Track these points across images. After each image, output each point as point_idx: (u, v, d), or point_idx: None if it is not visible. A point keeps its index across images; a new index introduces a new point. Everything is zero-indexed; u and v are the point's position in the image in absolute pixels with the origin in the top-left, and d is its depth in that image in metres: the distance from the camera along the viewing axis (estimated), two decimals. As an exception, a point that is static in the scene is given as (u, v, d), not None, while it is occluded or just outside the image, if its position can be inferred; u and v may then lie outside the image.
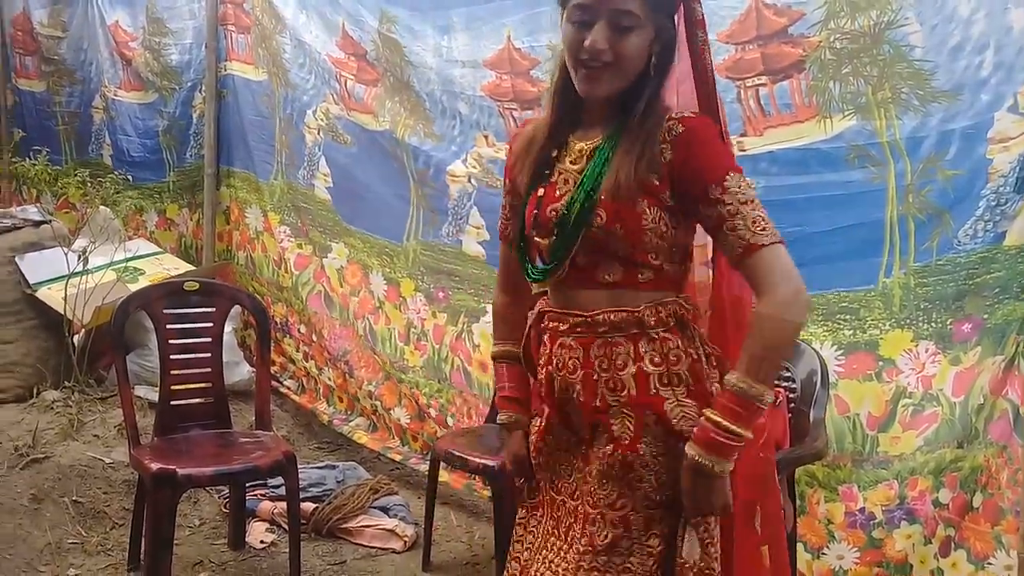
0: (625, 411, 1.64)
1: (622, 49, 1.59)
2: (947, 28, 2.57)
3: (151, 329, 4.05)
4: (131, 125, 5.32)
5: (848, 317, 2.79)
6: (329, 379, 4.50)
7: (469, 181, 3.71)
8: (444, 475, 3.54)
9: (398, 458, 4.05)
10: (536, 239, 1.71)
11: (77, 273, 4.04)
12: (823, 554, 2.88)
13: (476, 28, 3.64)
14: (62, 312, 4.09)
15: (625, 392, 1.64)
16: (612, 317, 1.64)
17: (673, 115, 1.63)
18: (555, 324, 1.71)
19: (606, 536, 1.65)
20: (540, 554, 1.78)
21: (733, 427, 1.53)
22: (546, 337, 1.74)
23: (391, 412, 4.14)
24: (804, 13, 2.77)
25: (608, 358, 1.64)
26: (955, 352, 2.68)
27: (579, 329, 1.67)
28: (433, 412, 3.93)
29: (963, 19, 2.55)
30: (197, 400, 3.15)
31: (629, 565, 1.65)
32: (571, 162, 1.70)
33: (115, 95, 5.40)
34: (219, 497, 3.58)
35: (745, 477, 1.71)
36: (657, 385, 1.63)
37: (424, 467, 3.89)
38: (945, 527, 2.70)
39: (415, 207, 3.98)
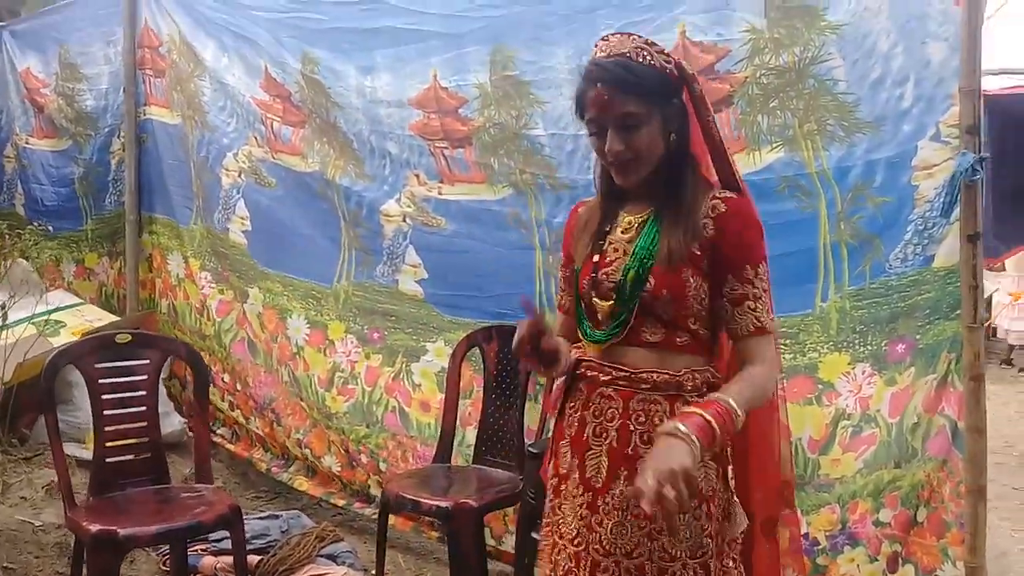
0: None
1: (636, 145, 1.78)
2: (868, 63, 2.67)
3: (75, 384, 3.95)
4: (44, 173, 5.17)
5: (788, 342, 2.85)
6: (257, 428, 4.41)
7: (404, 220, 3.69)
8: (391, 518, 3.48)
9: (341, 503, 3.98)
10: (595, 300, 1.86)
11: (-4, 328, 3.89)
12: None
13: (399, 68, 3.64)
14: (-20, 370, 3.92)
15: None
16: (655, 377, 1.80)
17: (717, 194, 1.83)
18: (595, 374, 1.86)
19: None
20: None
21: (715, 424, 1.62)
22: (582, 384, 1.89)
23: (321, 460, 4.08)
24: (730, 50, 2.85)
25: (645, 413, 1.80)
26: (890, 373, 2.76)
27: (621, 382, 1.82)
28: (364, 459, 3.88)
29: (883, 54, 2.65)
30: (133, 456, 3.05)
31: None
32: (622, 232, 1.88)
33: (27, 143, 5.24)
34: (157, 554, 3.46)
35: (764, 496, 1.92)
36: None
37: (368, 511, 3.85)
38: (891, 544, 2.77)
39: (346, 248, 3.94)
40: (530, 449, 2.96)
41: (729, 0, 2.85)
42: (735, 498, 1.84)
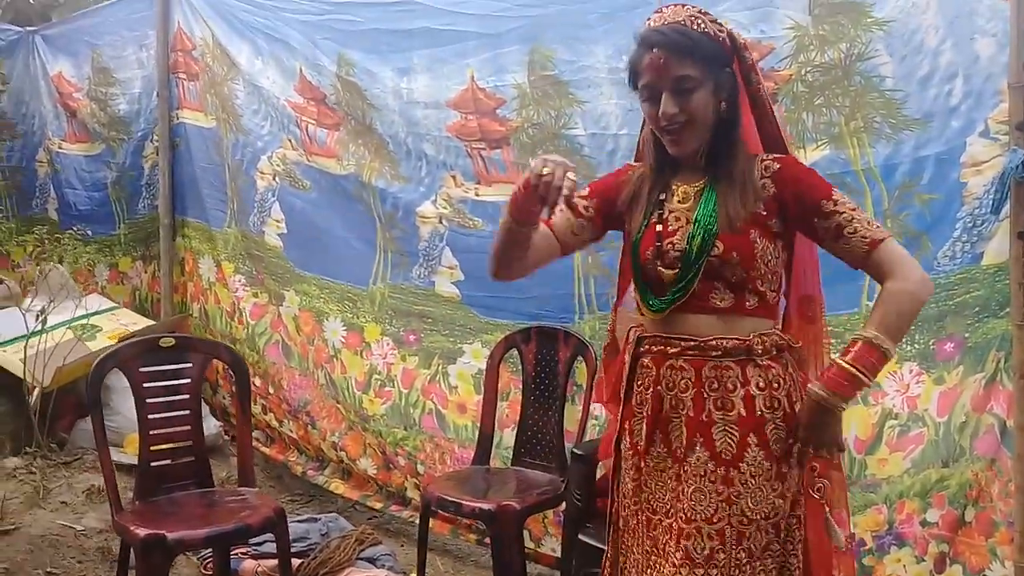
0: (730, 428, 1.82)
1: (691, 108, 1.81)
2: (916, 59, 2.66)
3: (112, 388, 3.98)
4: (77, 178, 5.20)
5: (834, 341, 2.81)
6: (291, 431, 4.42)
7: (440, 222, 3.69)
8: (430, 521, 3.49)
9: (378, 506, 3.99)
10: (660, 270, 1.88)
11: (35, 333, 3.91)
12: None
13: (437, 69, 3.65)
14: (20, 375, 3.94)
15: (735, 412, 1.82)
16: (725, 343, 1.83)
17: (764, 157, 1.89)
18: (662, 348, 1.89)
19: (703, 548, 1.81)
20: (646, 574, 1.90)
21: (858, 373, 1.76)
22: (648, 360, 1.92)
23: (357, 462, 4.08)
24: (774, 47, 2.84)
25: (719, 380, 1.83)
26: (938, 372, 2.74)
27: (691, 352, 1.85)
28: (402, 461, 3.88)
29: (931, 50, 2.63)
30: (178, 460, 3.05)
31: None
32: (679, 202, 1.91)
33: (60, 148, 5.27)
34: (198, 558, 3.47)
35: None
36: (762, 408, 1.83)
37: (405, 513, 3.85)
38: (938, 544, 2.74)
39: (381, 250, 3.95)
40: (575, 451, 2.95)
41: (772, -3, 2.85)
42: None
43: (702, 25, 1.81)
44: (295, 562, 3.35)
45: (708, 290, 1.84)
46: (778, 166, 1.87)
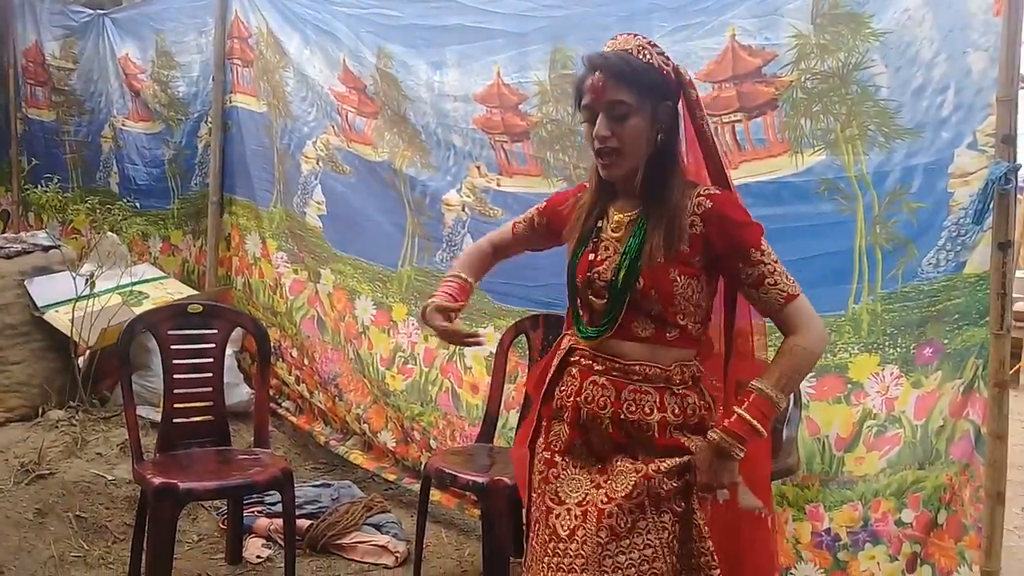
0: (647, 447, 1.93)
1: (623, 134, 1.88)
2: (910, 70, 2.74)
3: (153, 351, 4.21)
4: (138, 154, 5.49)
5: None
6: (320, 402, 4.63)
7: (463, 210, 3.86)
8: (436, 494, 3.66)
9: (392, 478, 4.17)
10: (591, 298, 1.98)
11: (84, 296, 4.18)
12: (790, 574, 2.98)
13: (467, 64, 3.81)
14: (68, 334, 4.22)
15: (650, 433, 1.92)
16: (647, 370, 1.93)
17: (701, 191, 1.93)
18: (589, 363, 1.98)
19: (627, 523, 1.89)
20: (541, 563, 1.97)
21: (757, 425, 1.84)
22: (575, 371, 2.00)
23: (378, 435, 4.27)
24: (776, 54, 2.94)
25: (636, 403, 1.93)
26: (917, 375, 2.82)
27: (614, 373, 1.95)
28: (417, 435, 4.06)
29: (925, 62, 2.71)
30: (198, 418, 3.27)
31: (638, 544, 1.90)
32: (612, 230, 1.99)
33: (123, 125, 5.57)
34: (217, 514, 3.70)
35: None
36: (674, 433, 1.93)
37: (417, 487, 4.01)
38: (911, 544, 2.82)
39: (410, 235, 4.13)
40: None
41: (778, 6, 2.94)
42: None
43: (648, 56, 1.88)
44: (305, 523, 3.57)
45: (632, 319, 1.92)
46: (710, 204, 1.89)
